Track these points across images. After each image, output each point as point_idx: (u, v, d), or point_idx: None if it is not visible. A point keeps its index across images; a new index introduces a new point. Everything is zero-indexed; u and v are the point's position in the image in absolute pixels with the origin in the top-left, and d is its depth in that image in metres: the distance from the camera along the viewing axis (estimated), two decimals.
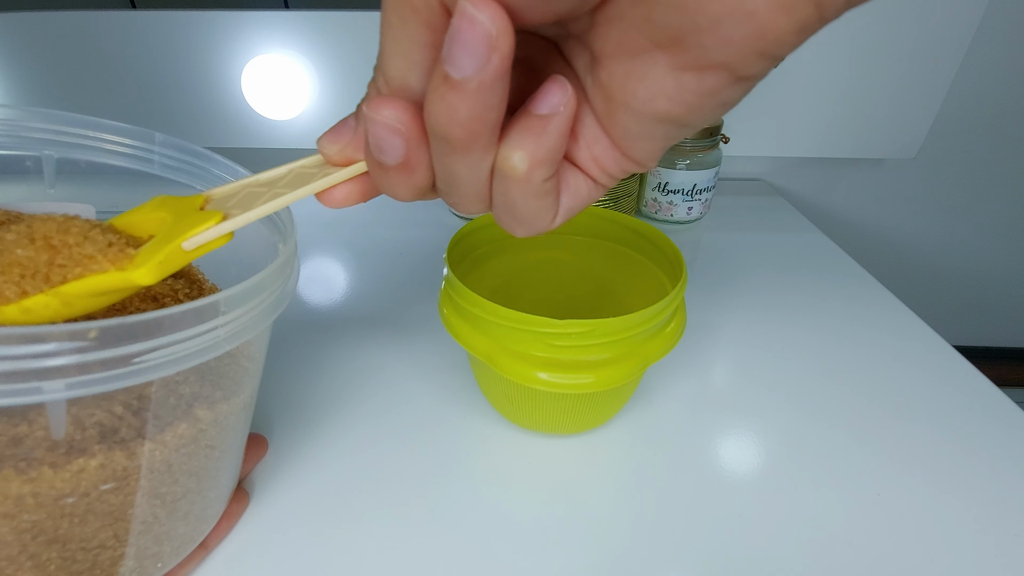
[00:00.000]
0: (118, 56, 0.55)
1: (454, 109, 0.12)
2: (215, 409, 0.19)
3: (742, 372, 0.36)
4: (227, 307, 0.17)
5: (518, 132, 0.14)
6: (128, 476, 0.17)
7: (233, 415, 0.21)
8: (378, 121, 0.14)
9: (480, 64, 0.11)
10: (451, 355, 0.36)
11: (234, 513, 0.25)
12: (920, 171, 0.68)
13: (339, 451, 0.30)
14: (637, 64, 0.13)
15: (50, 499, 0.16)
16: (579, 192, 0.16)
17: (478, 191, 0.15)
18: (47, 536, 0.17)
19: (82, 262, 0.15)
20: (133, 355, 0.14)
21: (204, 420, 0.19)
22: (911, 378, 0.35)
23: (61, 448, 0.16)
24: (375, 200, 0.18)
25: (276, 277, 0.19)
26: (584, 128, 0.15)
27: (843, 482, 0.28)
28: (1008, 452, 0.30)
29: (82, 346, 0.14)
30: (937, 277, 0.77)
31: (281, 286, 0.20)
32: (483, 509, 0.27)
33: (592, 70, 0.14)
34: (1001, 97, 0.62)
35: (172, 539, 0.21)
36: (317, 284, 0.44)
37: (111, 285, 0.16)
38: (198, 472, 0.20)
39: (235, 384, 0.21)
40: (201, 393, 0.19)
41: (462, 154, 0.14)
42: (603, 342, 0.24)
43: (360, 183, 0.17)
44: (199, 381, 0.19)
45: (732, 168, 0.67)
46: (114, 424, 0.17)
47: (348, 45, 0.55)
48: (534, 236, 0.17)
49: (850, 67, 0.56)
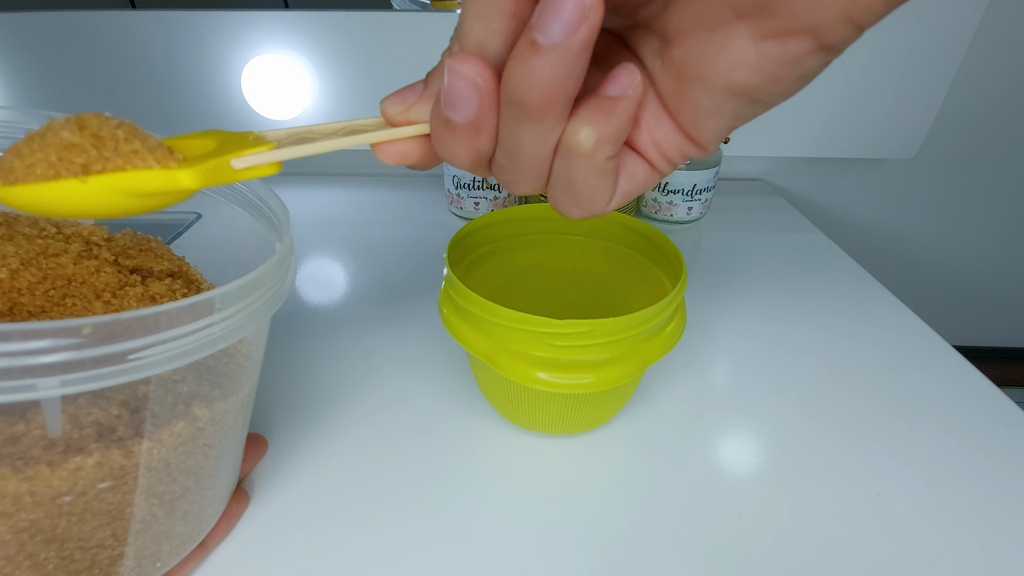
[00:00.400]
0: (118, 56, 0.55)
1: (536, 75, 0.13)
2: (213, 408, 0.19)
3: (742, 372, 0.36)
4: (223, 304, 0.16)
5: (587, 110, 0.14)
6: (126, 475, 0.17)
7: (232, 414, 0.21)
8: (460, 72, 0.14)
9: (569, 32, 0.12)
10: (451, 355, 0.36)
11: (234, 513, 0.25)
12: (920, 171, 0.68)
13: (339, 451, 0.30)
14: (716, 37, 0.13)
15: (47, 498, 0.16)
16: (636, 176, 0.17)
17: (538, 166, 0.16)
18: (45, 535, 0.17)
19: (128, 157, 0.15)
20: (128, 352, 0.14)
21: (202, 419, 0.19)
22: (911, 378, 0.35)
23: (58, 447, 0.16)
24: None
25: (272, 274, 0.19)
26: (647, 114, 0.16)
27: (843, 482, 0.28)
28: (1008, 452, 0.30)
29: (76, 343, 0.14)
30: (937, 277, 0.77)
31: (278, 283, 0.19)
32: (483, 509, 0.27)
33: (663, 52, 0.15)
34: (1001, 97, 0.62)
35: (171, 538, 0.21)
36: (317, 284, 0.44)
37: (153, 184, 0.15)
38: (196, 471, 0.20)
39: (233, 382, 0.21)
40: (199, 391, 0.19)
41: (534, 122, 0.14)
42: (603, 342, 0.24)
43: (419, 143, 0.17)
44: (197, 379, 0.19)
45: (732, 168, 0.67)
46: (111, 423, 0.17)
47: (348, 45, 0.55)
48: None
49: (850, 67, 0.56)
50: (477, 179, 0.52)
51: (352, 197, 0.61)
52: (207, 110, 0.58)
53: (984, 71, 0.60)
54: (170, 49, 0.55)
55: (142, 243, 0.24)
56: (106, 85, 0.57)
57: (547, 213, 0.35)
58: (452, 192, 0.54)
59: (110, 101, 0.58)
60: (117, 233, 0.24)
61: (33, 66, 0.56)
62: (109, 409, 0.17)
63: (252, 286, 0.18)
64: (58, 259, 0.21)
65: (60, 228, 0.22)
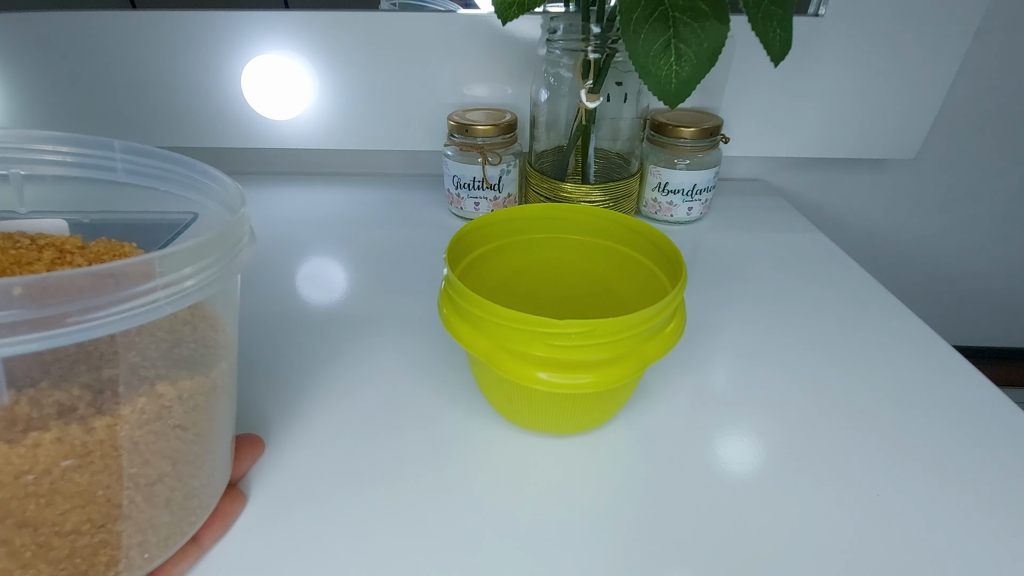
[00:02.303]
0: (118, 56, 0.55)
1: None
2: (178, 386, 0.19)
3: (742, 372, 0.36)
4: (164, 268, 0.16)
5: None
6: (89, 452, 0.17)
7: (202, 396, 0.21)
8: None
9: None
10: (451, 355, 0.36)
11: (229, 512, 0.25)
12: (920, 171, 0.68)
13: (338, 451, 0.30)
14: None
15: (9, 476, 0.16)
16: None
17: None
18: (15, 519, 0.17)
19: None
20: (67, 315, 0.14)
21: (167, 396, 0.19)
22: (911, 378, 0.35)
23: (18, 425, 0.16)
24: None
25: (219, 244, 0.19)
26: None
27: (843, 482, 0.28)
28: (1008, 452, 0.30)
29: (13, 305, 0.14)
30: (937, 277, 0.77)
31: (229, 253, 0.19)
32: (482, 509, 0.27)
33: None
34: (1001, 97, 0.62)
35: (157, 528, 0.20)
36: (317, 283, 0.44)
37: None
38: (172, 455, 0.20)
39: (199, 363, 0.21)
40: (162, 370, 0.19)
41: None
42: (603, 342, 0.24)
43: None
44: (159, 356, 0.19)
45: (732, 168, 0.67)
46: (73, 403, 0.17)
47: (348, 45, 0.55)
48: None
49: (850, 67, 0.56)
50: (477, 179, 0.52)
51: (352, 197, 0.61)
52: (207, 110, 0.58)
53: (984, 71, 0.60)
54: (170, 49, 0.55)
55: (116, 249, 0.24)
56: (106, 85, 0.57)
57: (547, 213, 0.35)
58: (452, 192, 0.54)
59: (110, 101, 0.58)
60: (91, 241, 0.24)
61: (33, 66, 0.56)
62: (71, 390, 0.17)
63: (198, 252, 0.18)
64: (32, 267, 0.22)
65: (34, 240, 0.23)
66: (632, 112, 0.49)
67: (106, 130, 0.59)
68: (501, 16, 0.39)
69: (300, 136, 0.60)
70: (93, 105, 0.58)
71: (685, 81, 0.35)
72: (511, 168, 0.52)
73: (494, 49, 0.55)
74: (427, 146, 0.61)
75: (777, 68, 0.44)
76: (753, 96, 0.58)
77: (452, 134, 0.52)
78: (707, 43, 0.34)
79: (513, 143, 0.52)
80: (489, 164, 0.51)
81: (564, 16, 0.47)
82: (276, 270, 0.46)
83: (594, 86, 0.45)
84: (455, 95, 0.58)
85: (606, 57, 0.44)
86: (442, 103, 0.58)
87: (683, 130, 0.51)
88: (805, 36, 0.54)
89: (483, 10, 0.56)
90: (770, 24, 0.35)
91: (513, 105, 0.58)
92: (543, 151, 0.53)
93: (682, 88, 0.35)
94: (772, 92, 0.58)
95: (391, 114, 0.59)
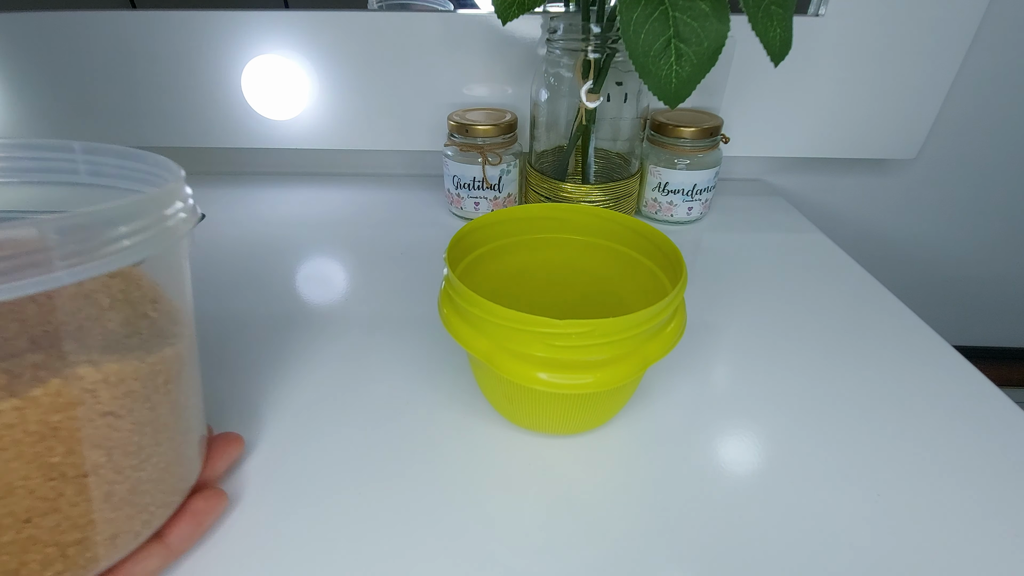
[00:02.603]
0: (118, 56, 0.55)
1: None
2: (103, 369, 0.18)
3: (742, 372, 0.36)
4: (60, 234, 0.15)
5: None
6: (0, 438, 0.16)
7: (138, 382, 0.19)
8: None
9: None
10: (451, 355, 0.36)
11: (201, 511, 0.24)
12: (920, 171, 0.68)
13: (336, 451, 0.30)
14: None
15: None
16: None
17: None
18: None
19: None
20: None
21: (88, 379, 0.18)
22: (911, 378, 0.35)
23: None
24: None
25: (133, 211, 0.17)
26: None
27: (843, 482, 0.28)
28: (1008, 452, 0.30)
29: None
30: (937, 277, 0.77)
31: (149, 223, 0.18)
32: (482, 510, 0.27)
33: None
34: (1001, 97, 0.62)
35: (98, 526, 0.19)
36: (317, 283, 0.44)
37: None
38: (104, 444, 0.19)
39: (133, 348, 0.19)
40: (85, 350, 0.18)
41: None
42: (603, 342, 0.24)
43: None
44: (75, 333, 0.18)
45: (732, 168, 0.67)
46: None
47: (348, 45, 0.55)
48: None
49: (850, 67, 0.56)
50: (477, 179, 0.52)
51: (352, 197, 0.61)
52: (207, 110, 0.58)
53: (984, 71, 0.60)
54: (170, 49, 0.55)
55: None
56: (106, 85, 0.57)
57: (547, 213, 0.35)
58: (452, 192, 0.54)
59: (110, 101, 0.58)
60: None
61: (33, 66, 0.56)
62: None
63: (98, 222, 0.16)
64: None
65: None
66: (632, 112, 0.49)
67: (105, 130, 0.59)
68: (501, 16, 0.39)
69: (300, 136, 0.60)
70: (93, 105, 0.58)
71: (685, 81, 0.35)
72: (511, 168, 0.52)
73: (494, 49, 0.55)
74: (427, 146, 0.61)
75: (777, 68, 0.44)
76: (753, 96, 0.58)
77: (452, 134, 0.52)
78: (707, 43, 0.34)
79: (513, 143, 0.52)
80: (489, 164, 0.51)
81: (564, 16, 0.47)
82: (276, 270, 0.46)
83: (594, 86, 0.45)
84: (455, 95, 0.58)
85: (606, 57, 0.44)
86: (442, 103, 0.58)
87: (683, 130, 0.51)
88: (805, 36, 0.54)
89: (483, 10, 0.56)
90: (770, 24, 0.35)
91: (513, 105, 0.58)
92: (543, 151, 0.53)
93: (682, 88, 0.35)
94: (772, 92, 0.58)
95: (391, 114, 0.59)
